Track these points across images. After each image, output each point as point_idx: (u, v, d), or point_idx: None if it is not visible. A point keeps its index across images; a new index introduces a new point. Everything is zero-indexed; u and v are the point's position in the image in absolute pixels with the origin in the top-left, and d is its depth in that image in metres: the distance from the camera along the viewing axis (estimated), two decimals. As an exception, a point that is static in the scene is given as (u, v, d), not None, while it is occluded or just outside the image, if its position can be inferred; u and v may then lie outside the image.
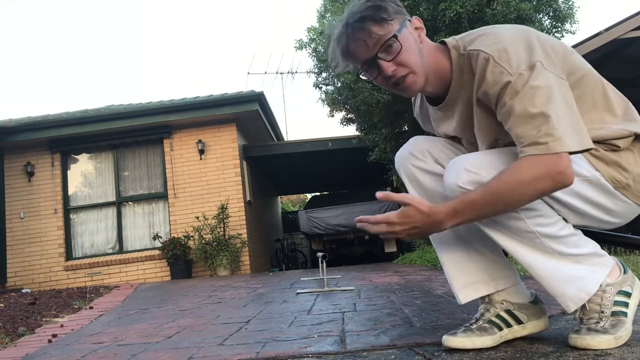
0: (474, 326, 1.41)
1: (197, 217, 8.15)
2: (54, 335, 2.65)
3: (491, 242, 1.39)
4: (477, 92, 1.28)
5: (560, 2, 6.52)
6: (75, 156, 8.83)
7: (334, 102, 8.26)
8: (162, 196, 8.58)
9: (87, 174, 8.88)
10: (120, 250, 8.48)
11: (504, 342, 1.41)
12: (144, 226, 8.60)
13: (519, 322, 1.44)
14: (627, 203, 1.31)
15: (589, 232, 1.35)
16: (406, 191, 1.50)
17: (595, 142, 1.25)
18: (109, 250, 8.52)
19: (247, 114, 8.66)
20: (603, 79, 1.34)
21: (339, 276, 4.75)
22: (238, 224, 8.33)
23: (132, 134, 8.53)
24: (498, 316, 1.43)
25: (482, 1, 6.16)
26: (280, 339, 1.87)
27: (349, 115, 8.45)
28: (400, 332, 1.76)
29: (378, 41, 1.27)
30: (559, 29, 6.66)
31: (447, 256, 1.49)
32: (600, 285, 1.29)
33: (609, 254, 1.35)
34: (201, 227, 8.04)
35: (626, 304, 1.31)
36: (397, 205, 1.28)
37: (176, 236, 8.13)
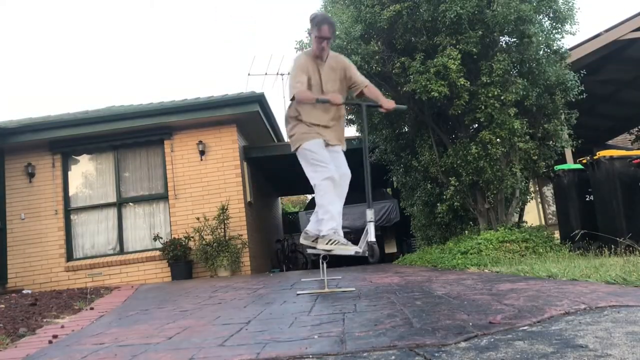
0: None
1: (198, 218, 8.16)
2: (55, 336, 2.65)
3: None
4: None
5: (560, 3, 6.51)
6: (76, 157, 8.84)
7: (334, 103, 8.24)
8: (163, 197, 8.59)
9: (87, 175, 8.88)
10: (121, 251, 8.49)
11: (504, 343, 1.41)
12: (145, 227, 8.61)
13: None
14: None
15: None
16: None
17: None
18: (109, 251, 8.52)
19: (248, 115, 8.67)
20: None
21: (340, 277, 4.75)
22: (238, 225, 8.34)
23: (133, 135, 8.54)
24: None
25: (482, 2, 6.15)
26: (281, 339, 1.87)
27: (349, 116, 8.46)
28: (401, 332, 1.76)
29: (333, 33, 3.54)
30: (559, 30, 6.65)
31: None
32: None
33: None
34: (202, 228, 8.05)
35: None
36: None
37: (177, 237, 8.13)
